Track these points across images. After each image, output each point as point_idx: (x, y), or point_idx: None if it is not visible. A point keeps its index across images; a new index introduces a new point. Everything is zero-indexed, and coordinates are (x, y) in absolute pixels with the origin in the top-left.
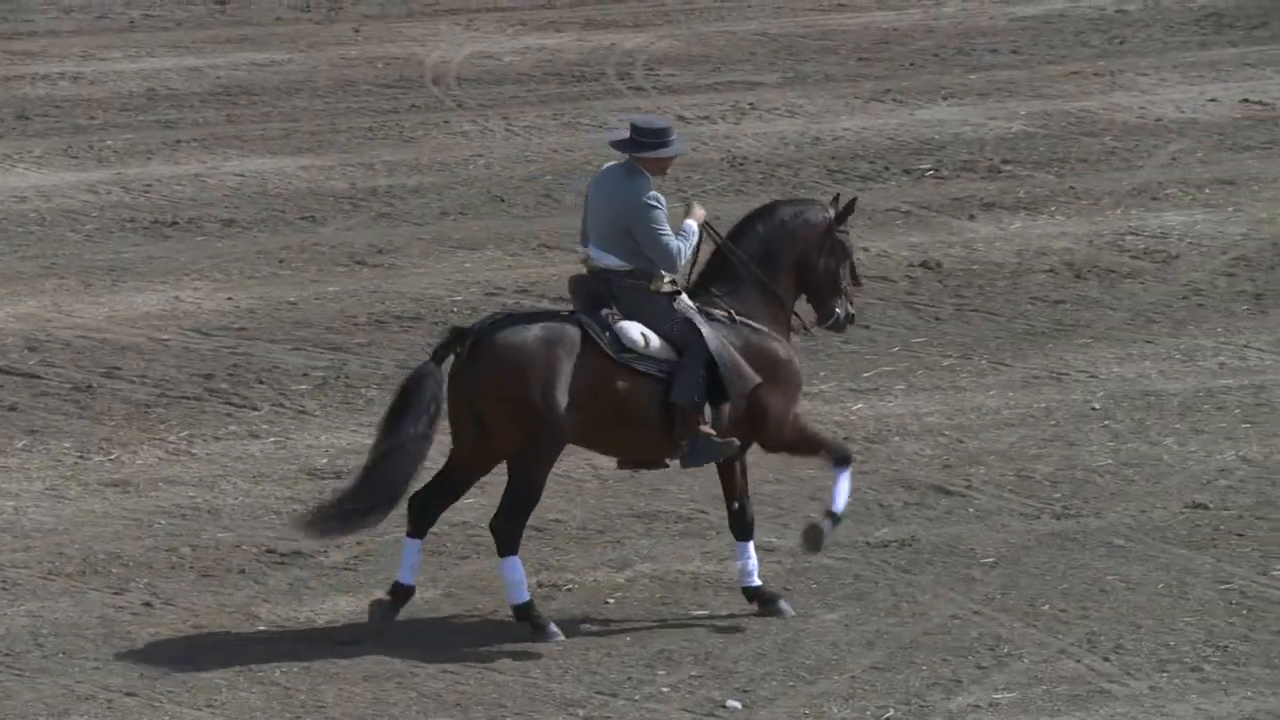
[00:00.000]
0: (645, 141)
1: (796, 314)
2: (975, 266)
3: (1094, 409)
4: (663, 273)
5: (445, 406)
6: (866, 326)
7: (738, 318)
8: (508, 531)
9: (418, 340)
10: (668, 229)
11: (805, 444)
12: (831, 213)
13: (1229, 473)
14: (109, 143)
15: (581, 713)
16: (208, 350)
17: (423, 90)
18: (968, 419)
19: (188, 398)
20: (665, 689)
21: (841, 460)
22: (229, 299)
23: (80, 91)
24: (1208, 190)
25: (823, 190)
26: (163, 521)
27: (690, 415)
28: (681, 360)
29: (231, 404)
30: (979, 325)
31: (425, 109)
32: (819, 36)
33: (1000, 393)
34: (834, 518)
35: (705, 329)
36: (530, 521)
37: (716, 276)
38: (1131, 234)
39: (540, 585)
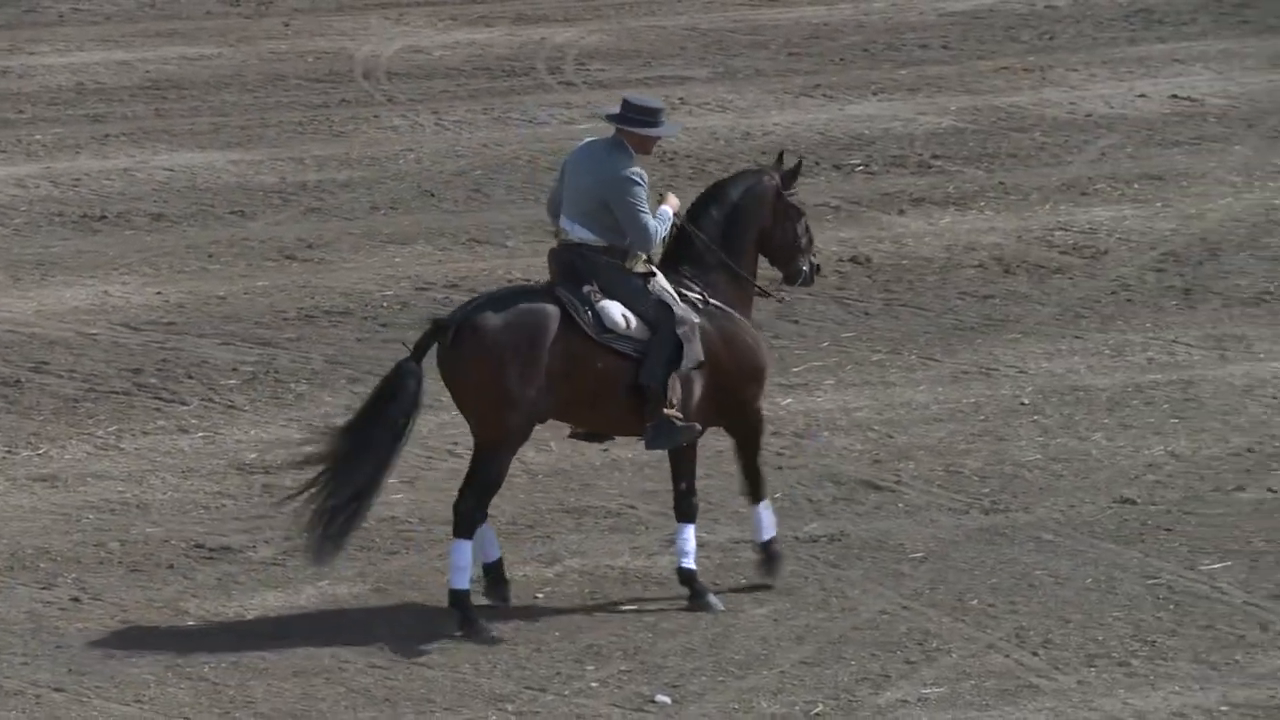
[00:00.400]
0: (635, 117)
1: (760, 288)
2: (905, 262)
3: (1023, 404)
4: (638, 252)
5: (420, 410)
6: (796, 321)
7: (710, 301)
8: (465, 513)
9: (347, 335)
10: (647, 207)
11: (754, 440)
12: (777, 178)
13: (1157, 468)
14: (37, 137)
15: (510, 708)
16: (136, 345)
17: (352, 85)
18: (897, 414)
19: (116, 392)
20: (594, 684)
21: (758, 499)
22: (158, 293)
23: (8, 86)
24: (1136, 186)
25: None
26: (91, 516)
27: (659, 397)
28: (652, 340)
29: (160, 399)
30: (908, 320)
31: (355, 103)
32: (749, 31)
33: (929, 388)
34: (767, 546)
35: (676, 308)
36: None
37: (684, 259)
38: (1060, 229)
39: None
